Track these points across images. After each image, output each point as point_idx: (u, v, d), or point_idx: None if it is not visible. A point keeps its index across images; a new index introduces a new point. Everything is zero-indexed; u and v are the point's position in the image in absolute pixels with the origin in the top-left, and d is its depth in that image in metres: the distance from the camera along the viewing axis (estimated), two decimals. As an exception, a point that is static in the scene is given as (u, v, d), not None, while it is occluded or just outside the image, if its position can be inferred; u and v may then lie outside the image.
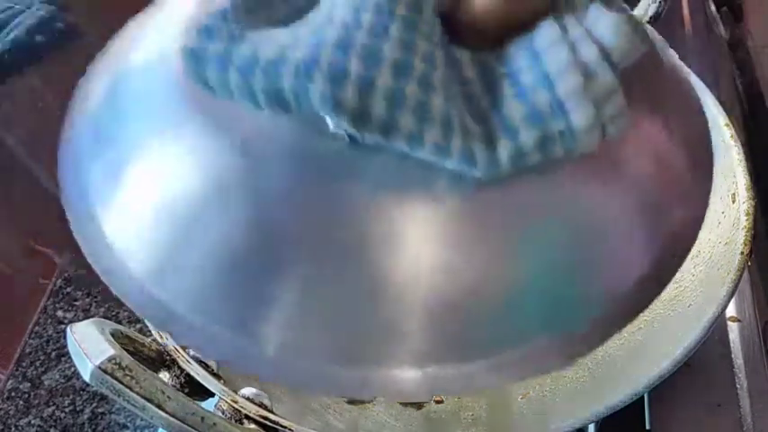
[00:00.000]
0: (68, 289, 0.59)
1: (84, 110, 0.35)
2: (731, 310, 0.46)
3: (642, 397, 0.31)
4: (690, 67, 0.40)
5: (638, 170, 0.28)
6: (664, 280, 0.28)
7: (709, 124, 0.37)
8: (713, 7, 0.69)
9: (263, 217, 0.25)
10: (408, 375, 0.25)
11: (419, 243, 0.24)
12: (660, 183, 0.29)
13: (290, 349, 0.25)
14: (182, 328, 0.26)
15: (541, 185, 0.25)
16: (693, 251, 0.31)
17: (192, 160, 0.27)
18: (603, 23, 0.24)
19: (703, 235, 0.32)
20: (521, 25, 0.26)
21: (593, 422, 0.27)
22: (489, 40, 0.26)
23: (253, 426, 0.28)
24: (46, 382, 0.53)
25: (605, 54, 0.24)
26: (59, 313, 0.58)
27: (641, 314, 0.27)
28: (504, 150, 0.23)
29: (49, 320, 0.57)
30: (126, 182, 0.29)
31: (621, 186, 0.27)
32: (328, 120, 0.23)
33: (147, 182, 0.28)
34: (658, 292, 0.28)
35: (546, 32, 0.25)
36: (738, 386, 0.41)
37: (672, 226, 0.29)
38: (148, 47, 0.32)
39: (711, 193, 0.34)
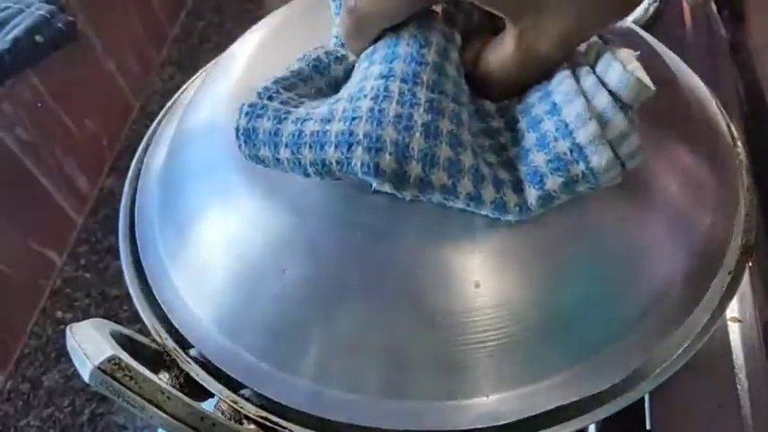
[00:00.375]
0: (68, 289, 0.59)
1: (152, 168, 0.38)
2: (732, 311, 0.46)
3: (643, 397, 0.31)
4: (690, 67, 0.40)
5: (666, 189, 0.30)
6: (702, 290, 0.30)
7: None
8: (714, 8, 0.69)
9: (317, 267, 0.27)
10: (463, 405, 0.27)
11: (462, 281, 0.26)
12: (689, 197, 0.31)
13: (351, 387, 0.27)
14: (247, 371, 0.29)
15: (572, 216, 0.27)
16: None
17: (249, 220, 0.29)
18: (613, 72, 0.26)
19: (705, 234, 0.32)
20: (535, 80, 0.28)
21: (593, 422, 0.27)
22: (509, 94, 0.29)
23: (252, 426, 0.28)
24: (45, 383, 0.53)
25: (617, 99, 0.25)
26: (59, 314, 0.57)
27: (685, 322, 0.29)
28: (532, 195, 0.26)
29: (49, 321, 0.57)
30: (191, 239, 0.32)
31: (655, 205, 0.29)
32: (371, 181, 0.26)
33: (208, 239, 0.31)
34: (698, 301, 0.30)
35: (563, 86, 0.27)
36: (739, 387, 0.41)
37: (705, 234, 0.31)
38: (205, 112, 0.35)
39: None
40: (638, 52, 0.27)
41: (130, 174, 0.39)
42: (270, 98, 0.27)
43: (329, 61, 0.30)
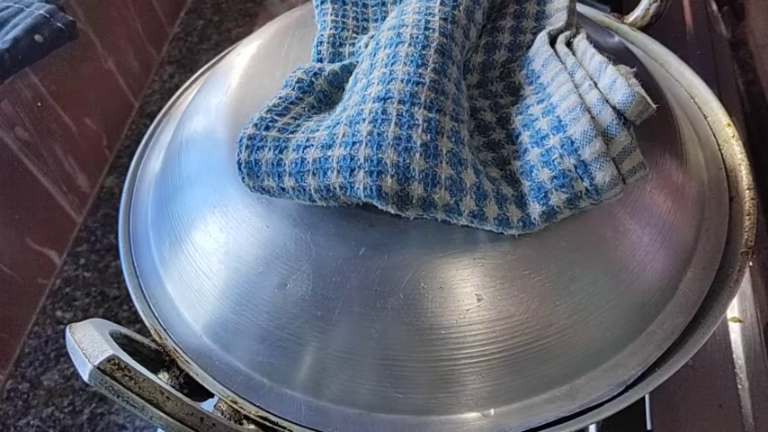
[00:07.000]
0: (67, 289, 0.59)
1: (148, 176, 0.39)
2: (733, 311, 0.45)
3: (644, 397, 0.31)
4: (691, 66, 0.40)
5: (661, 203, 0.30)
6: (700, 297, 0.30)
7: (711, 123, 0.38)
8: (714, 6, 0.69)
9: (318, 281, 0.27)
10: (462, 419, 0.27)
11: (464, 294, 0.26)
12: (681, 209, 0.31)
13: (347, 401, 0.27)
14: (241, 383, 0.29)
15: (572, 228, 0.27)
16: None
17: (248, 233, 0.29)
18: (617, 89, 0.26)
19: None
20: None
21: (594, 422, 0.27)
22: None
23: (252, 426, 0.28)
24: (45, 383, 0.53)
25: (622, 116, 0.26)
26: (58, 313, 0.57)
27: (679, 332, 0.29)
28: (536, 211, 0.26)
29: (48, 321, 0.57)
30: (185, 250, 0.32)
31: (651, 218, 0.29)
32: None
33: (204, 251, 0.31)
34: (698, 308, 0.30)
35: (567, 101, 0.27)
36: (740, 386, 0.41)
37: (701, 243, 0.31)
38: (200, 124, 0.35)
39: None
40: (635, 69, 0.27)
41: (128, 178, 0.39)
42: (267, 128, 0.28)
43: (310, 79, 0.30)
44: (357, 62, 0.31)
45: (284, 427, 0.27)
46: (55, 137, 0.60)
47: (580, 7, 0.38)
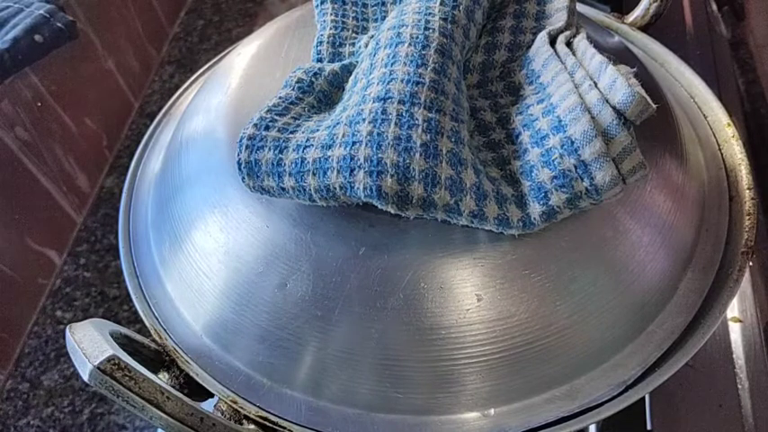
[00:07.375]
0: (67, 289, 0.59)
1: (148, 176, 0.39)
2: (732, 311, 0.45)
3: (644, 397, 0.31)
4: (691, 66, 0.40)
5: (661, 203, 0.30)
6: (701, 296, 0.30)
7: (711, 123, 0.38)
8: (714, 6, 0.69)
9: (318, 281, 0.27)
10: (462, 419, 0.27)
11: (464, 294, 0.26)
12: (681, 209, 0.31)
13: (346, 401, 0.27)
14: (241, 383, 0.29)
15: (573, 228, 0.27)
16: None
17: (248, 233, 0.29)
18: (617, 89, 0.26)
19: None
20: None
21: (594, 422, 0.27)
22: None
23: (252, 426, 0.28)
24: (45, 383, 0.53)
25: (622, 116, 0.26)
26: (58, 313, 0.57)
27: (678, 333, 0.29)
28: (536, 211, 0.26)
29: (48, 321, 0.57)
30: (185, 250, 0.32)
31: (651, 218, 0.29)
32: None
33: (204, 251, 0.31)
34: (698, 308, 0.30)
35: (567, 101, 0.27)
36: (740, 386, 0.41)
37: (701, 243, 0.31)
38: (200, 124, 0.35)
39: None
40: (635, 69, 0.27)
41: (128, 178, 0.39)
42: (267, 128, 0.28)
43: (310, 79, 0.30)
44: (357, 62, 0.31)
45: (284, 427, 0.27)
46: (55, 137, 0.60)
47: (580, 7, 0.38)
